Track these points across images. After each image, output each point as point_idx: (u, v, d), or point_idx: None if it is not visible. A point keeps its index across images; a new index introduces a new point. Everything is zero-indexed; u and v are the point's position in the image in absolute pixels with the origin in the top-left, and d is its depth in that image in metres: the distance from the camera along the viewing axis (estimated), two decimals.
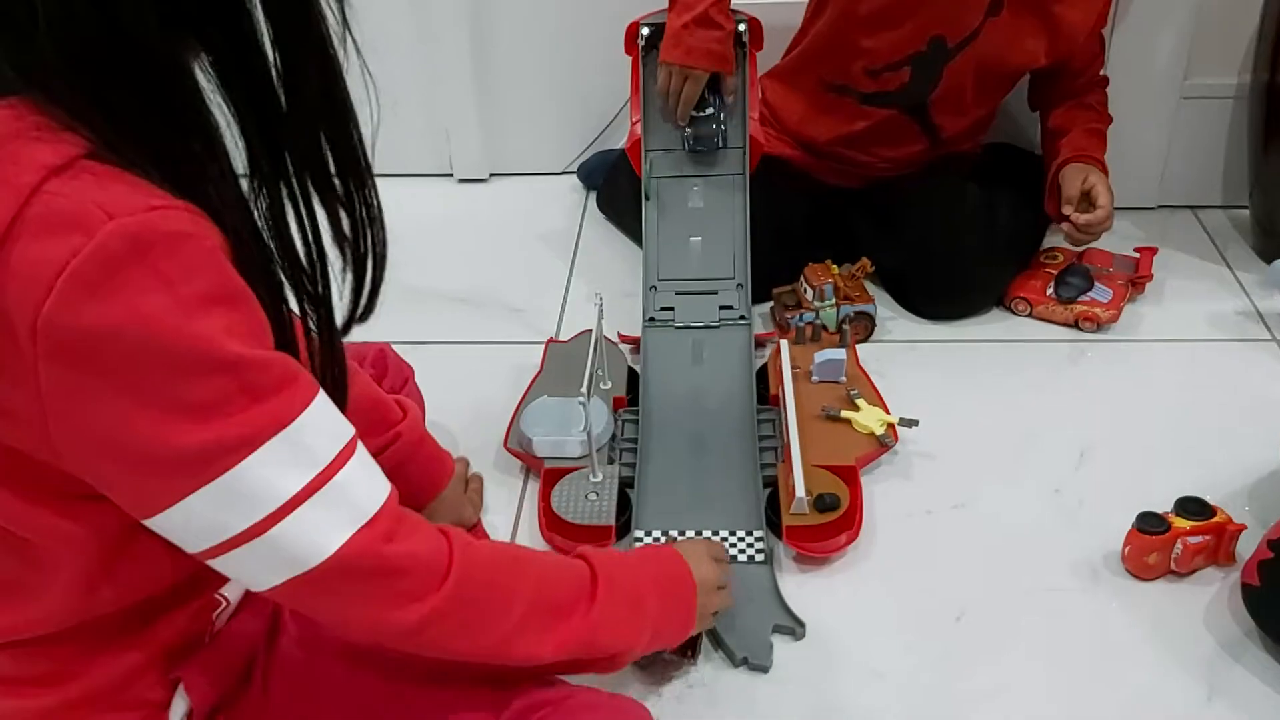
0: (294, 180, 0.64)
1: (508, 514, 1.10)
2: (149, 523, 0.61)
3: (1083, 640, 0.95)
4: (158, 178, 0.57)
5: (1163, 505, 1.02)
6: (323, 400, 0.64)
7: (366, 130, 0.66)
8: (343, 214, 0.67)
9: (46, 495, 0.63)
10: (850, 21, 1.29)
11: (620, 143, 1.50)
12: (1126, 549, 1.01)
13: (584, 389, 1.07)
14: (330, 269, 0.68)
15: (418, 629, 0.68)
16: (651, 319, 1.29)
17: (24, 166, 0.55)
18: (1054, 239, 1.44)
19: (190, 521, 0.61)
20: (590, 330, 1.29)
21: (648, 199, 1.33)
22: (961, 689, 0.91)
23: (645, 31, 1.32)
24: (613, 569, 0.80)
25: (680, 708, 0.91)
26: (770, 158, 1.36)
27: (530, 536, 1.08)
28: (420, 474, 0.99)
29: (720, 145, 1.32)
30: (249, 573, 0.64)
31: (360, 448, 0.66)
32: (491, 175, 1.69)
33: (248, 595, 0.79)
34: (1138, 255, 1.41)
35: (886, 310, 1.37)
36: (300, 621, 0.82)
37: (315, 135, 0.64)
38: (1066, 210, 1.32)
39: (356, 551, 0.64)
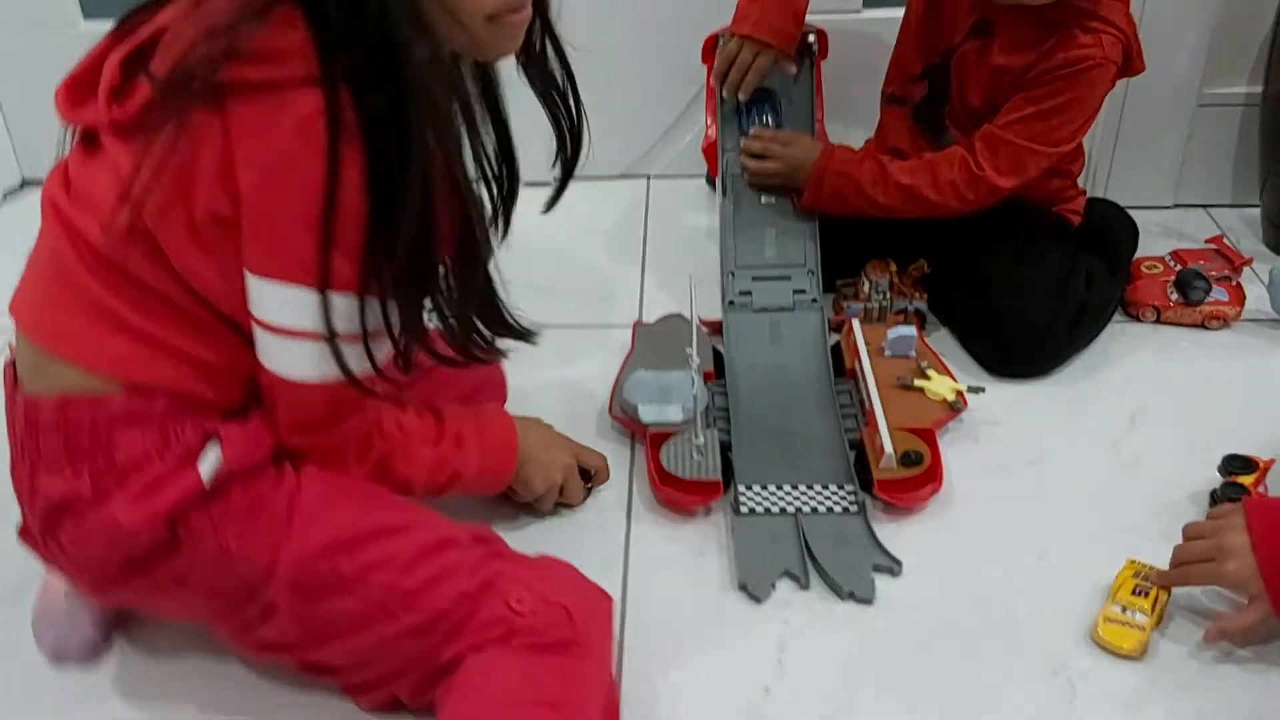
0: None
1: (621, 473, 1.22)
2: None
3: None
4: None
5: (1206, 455, 1.16)
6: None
7: None
8: None
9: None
10: (904, 31, 1.43)
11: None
12: None
13: (693, 354, 1.19)
14: None
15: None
16: (731, 302, 1.40)
17: None
18: (1146, 248, 1.54)
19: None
20: (675, 313, 1.42)
21: (724, 194, 1.45)
22: (1054, 616, 1.03)
23: (722, 42, 1.44)
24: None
25: (807, 630, 1.03)
26: None
27: (643, 492, 1.19)
28: None
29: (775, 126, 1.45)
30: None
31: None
32: None
33: None
34: (1213, 247, 1.52)
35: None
36: None
37: None
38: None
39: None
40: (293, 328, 0.82)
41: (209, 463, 0.84)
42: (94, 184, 0.82)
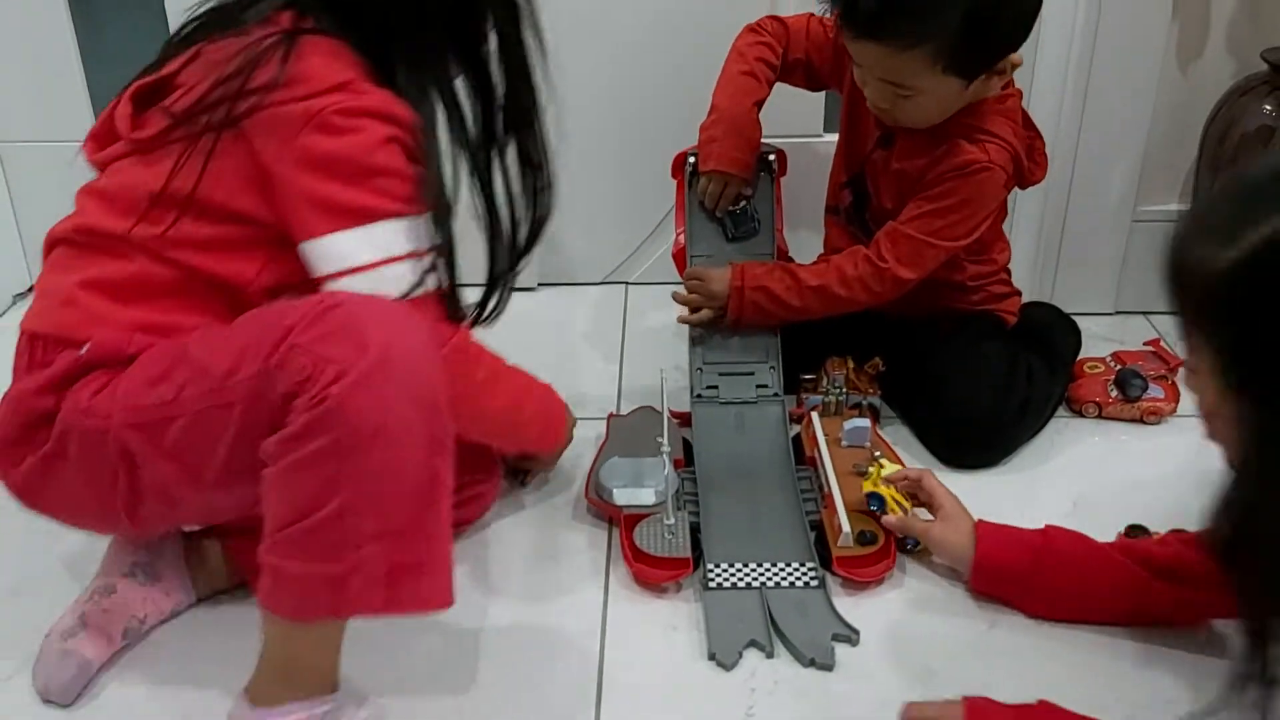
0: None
1: (599, 551, 1.30)
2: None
3: (1101, 641, 1.16)
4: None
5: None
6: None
7: None
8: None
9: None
10: (836, 148, 1.59)
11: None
12: None
13: (664, 442, 1.28)
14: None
15: None
16: (699, 395, 1.50)
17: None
18: (1089, 350, 1.64)
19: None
20: (646, 406, 1.51)
21: None
22: (995, 680, 1.10)
23: (691, 160, 1.57)
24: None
25: (772, 696, 1.10)
26: None
27: (618, 570, 1.27)
28: None
29: (756, 231, 1.57)
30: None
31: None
32: (540, 285, 1.92)
33: None
34: (1151, 349, 1.64)
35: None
36: None
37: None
38: None
39: None
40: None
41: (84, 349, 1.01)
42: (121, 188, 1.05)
